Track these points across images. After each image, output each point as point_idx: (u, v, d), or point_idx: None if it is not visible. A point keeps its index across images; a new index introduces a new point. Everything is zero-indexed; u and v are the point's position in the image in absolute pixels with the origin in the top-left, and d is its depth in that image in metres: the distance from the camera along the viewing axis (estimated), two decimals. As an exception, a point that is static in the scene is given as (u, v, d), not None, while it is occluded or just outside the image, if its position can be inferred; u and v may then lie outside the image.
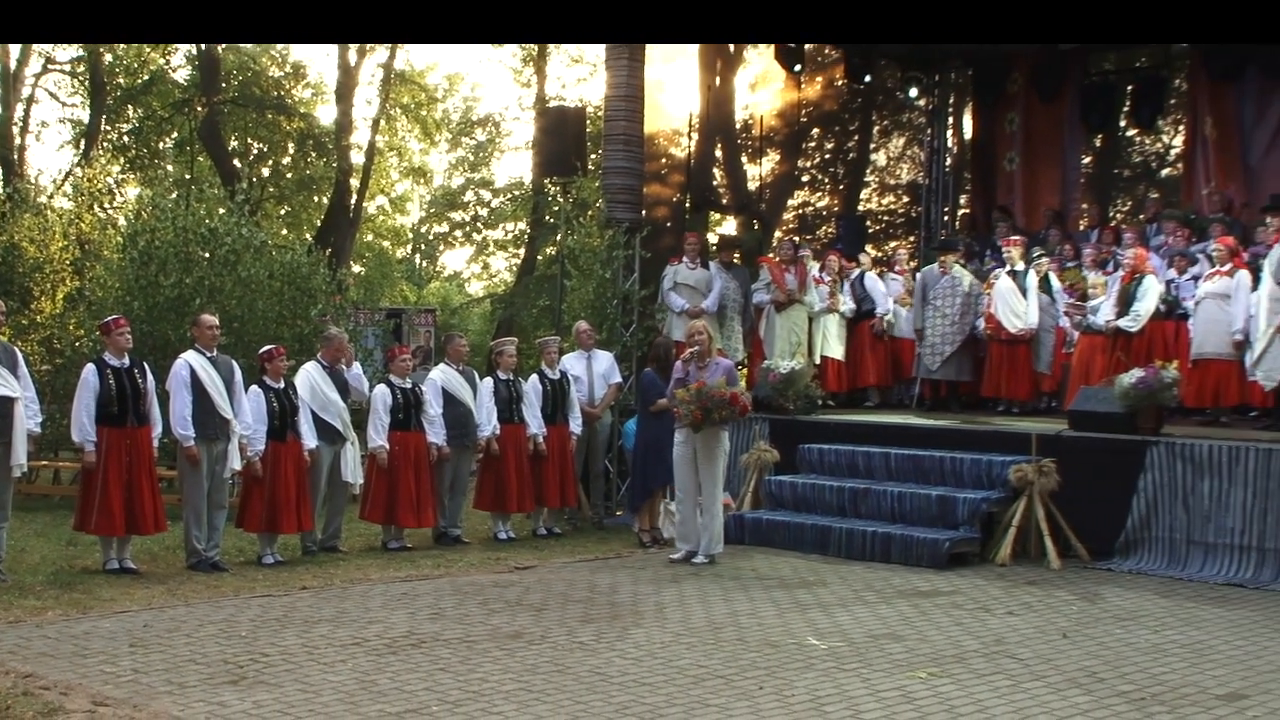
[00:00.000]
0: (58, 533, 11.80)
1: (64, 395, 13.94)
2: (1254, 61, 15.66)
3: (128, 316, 11.33)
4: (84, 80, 30.11)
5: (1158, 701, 6.76)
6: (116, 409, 9.99)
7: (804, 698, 6.73)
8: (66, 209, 21.81)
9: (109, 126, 30.02)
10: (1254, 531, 10.38)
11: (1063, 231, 16.05)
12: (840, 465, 12.53)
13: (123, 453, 10.04)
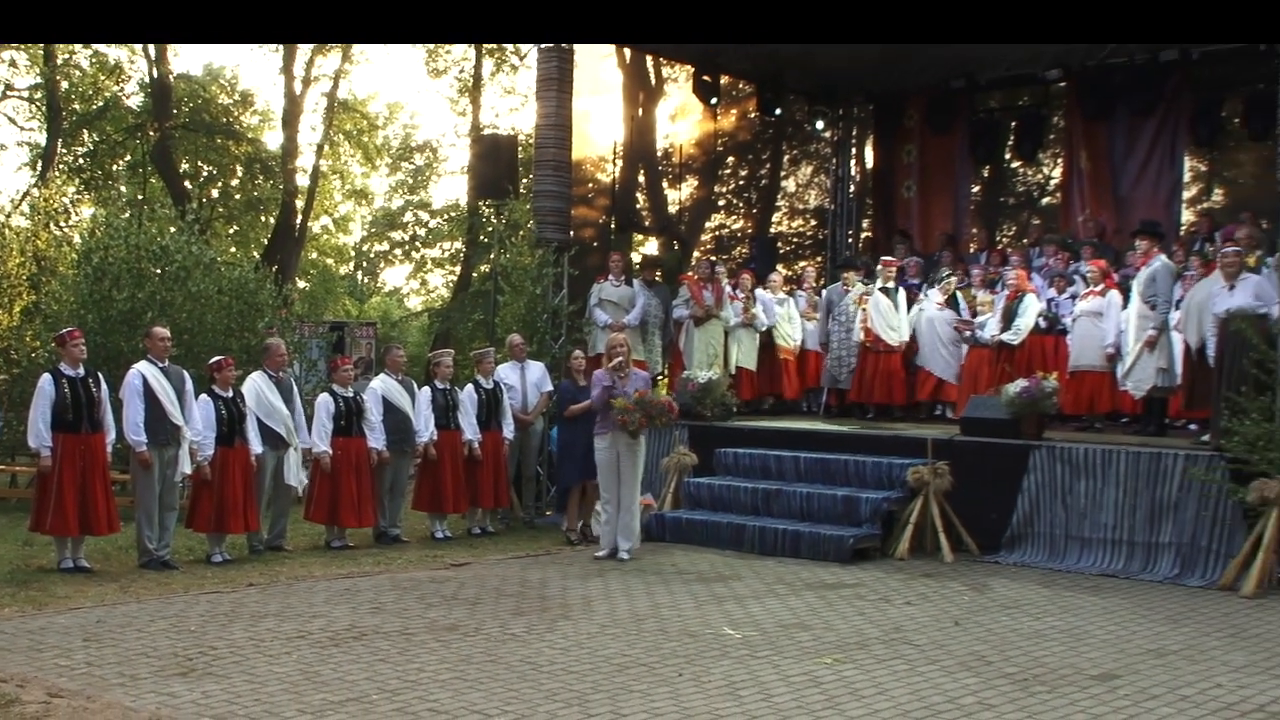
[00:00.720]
0: (14, 533, 11.55)
1: (21, 403, 13.87)
2: (1123, 101, 15.90)
3: (82, 329, 11.15)
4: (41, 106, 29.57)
5: (1039, 682, 6.89)
6: (71, 416, 9.87)
7: (720, 683, 6.78)
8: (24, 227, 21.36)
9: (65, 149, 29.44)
10: (1125, 527, 10.60)
11: (955, 254, 16.15)
12: (754, 468, 12.59)
13: (77, 457, 9.91)
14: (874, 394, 14.42)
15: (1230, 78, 15.15)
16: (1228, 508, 10.09)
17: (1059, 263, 14.38)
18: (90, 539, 10.34)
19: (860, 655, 7.45)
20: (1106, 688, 6.82)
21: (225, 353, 11.97)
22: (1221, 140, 15.79)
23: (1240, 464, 9.94)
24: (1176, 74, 15.48)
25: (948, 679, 6.92)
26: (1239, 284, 10.87)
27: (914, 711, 6.29)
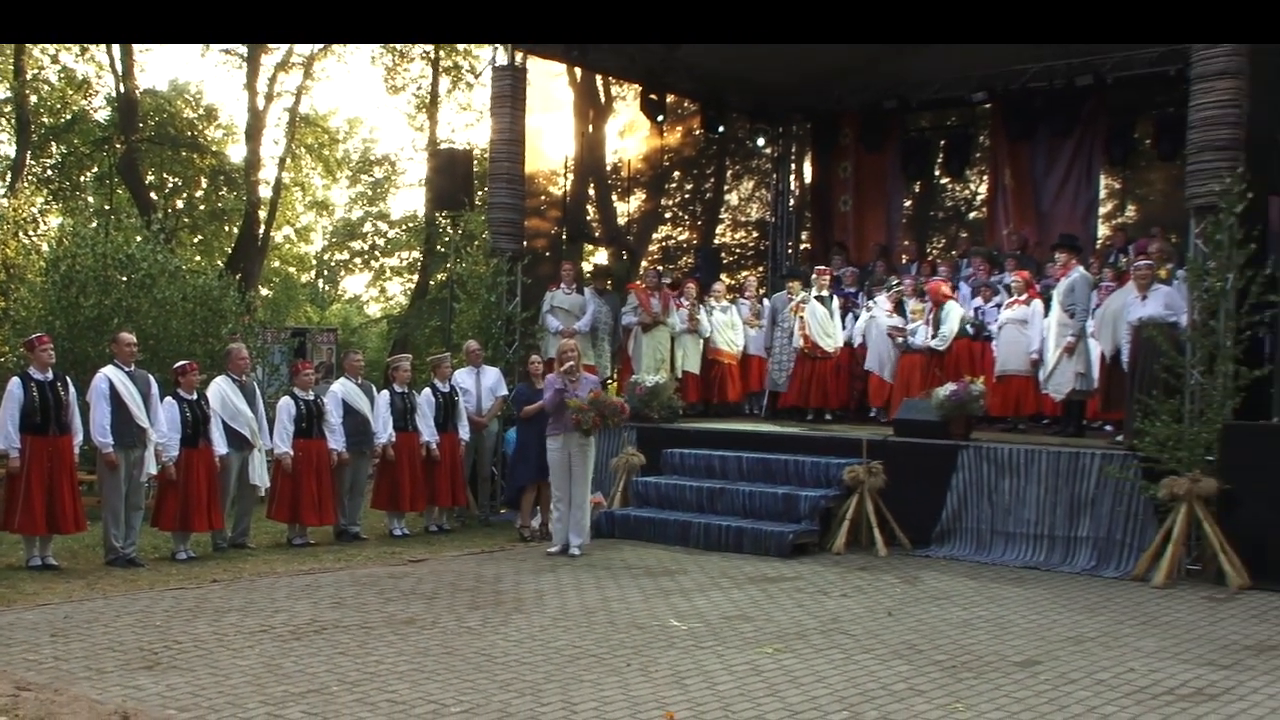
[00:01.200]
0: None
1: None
2: (1043, 123, 16.00)
3: (50, 334, 11.02)
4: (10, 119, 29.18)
5: (966, 669, 6.95)
6: (40, 419, 9.75)
7: (666, 672, 6.79)
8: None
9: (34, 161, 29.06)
10: (1046, 522, 10.72)
11: (888, 264, 16.26)
12: (699, 467, 12.62)
13: (45, 458, 9.80)
14: (811, 398, 14.51)
15: (1142, 101, 15.34)
16: (1140, 503, 10.24)
17: (984, 273, 14.51)
18: (58, 537, 10.21)
19: (799, 645, 7.49)
20: (1029, 673, 6.90)
21: (190, 358, 11.93)
22: (1134, 160, 15.96)
23: (1152, 462, 10.08)
24: (1092, 97, 15.66)
25: (881, 666, 6.98)
26: (1151, 294, 11.04)
27: (850, 697, 6.32)
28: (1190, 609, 8.86)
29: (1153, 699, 6.41)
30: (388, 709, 6.07)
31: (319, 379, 12.97)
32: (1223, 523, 9.76)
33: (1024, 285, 13.11)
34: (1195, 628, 8.24)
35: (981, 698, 6.37)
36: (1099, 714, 6.13)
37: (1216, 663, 7.22)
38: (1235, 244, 9.91)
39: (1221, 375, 9.99)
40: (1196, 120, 10.30)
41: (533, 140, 15.03)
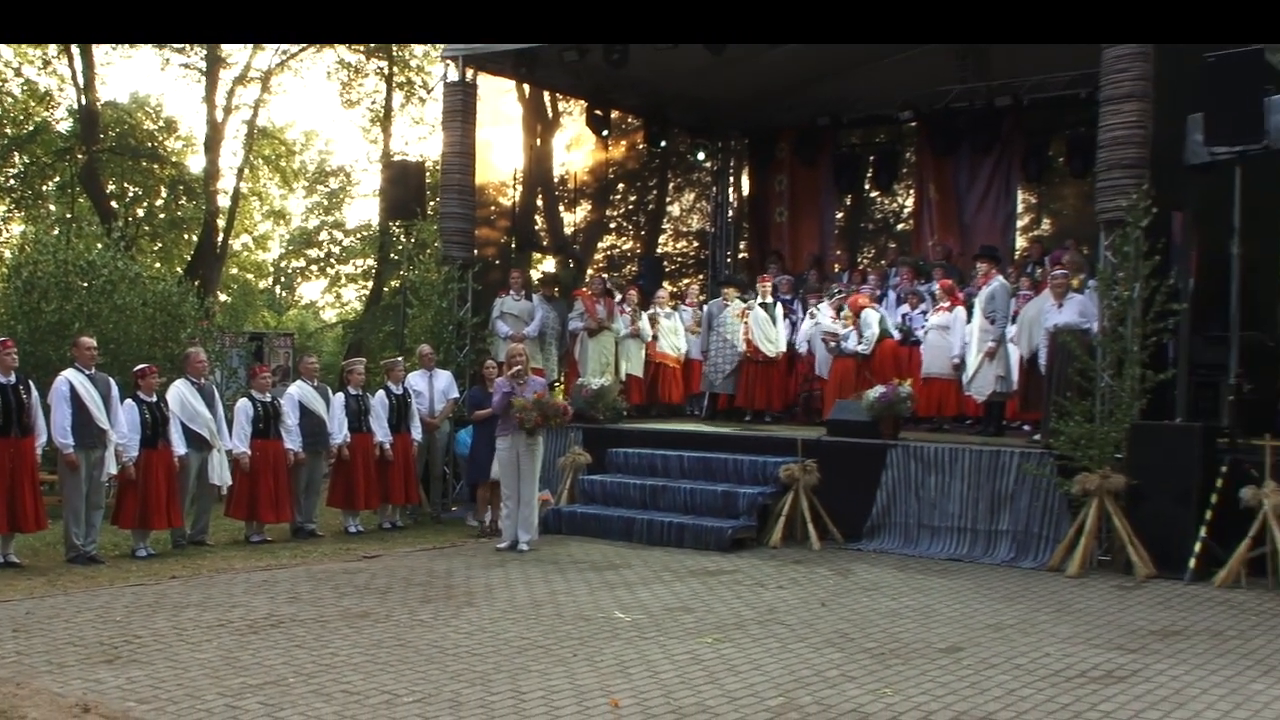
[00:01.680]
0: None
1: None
2: (966, 141, 16.18)
3: (13, 338, 10.74)
4: (-27, 130, 28.73)
5: (895, 655, 7.01)
6: (1, 420, 9.62)
7: (611, 662, 6.81)
8: (-44, 244, 20.80)
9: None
10: (969, 516, 10.82)
11: (821, 273, 16.35)
12: (642, 466, 12.62)
13: (6, 459, 9.66)
14: (755, 400, 14.58)
15: (1055, 122, 15.55)
16: (1056, 498, 10.37)
17: (910, 282, 14.65)
18: (20, 536, 10.07)
19: (738, 634, 7.52)
20: (953, 659, 6.98)
21: (150, 361, 11.78)
22: (1048, 176, 16.19)
23: (1066, 460, 10.22)
24: (1010, 118, 15.84)
25: (815, 654, 7.02)
26: (1065, 302, 11.19)
27: (785, 684, 6.36)
28: (1101, 597, 8.99)
29: (1066, 682, 6.51)
30: (342, 700, 6.03)
31: (276, 382, 12.87)
32: (1130, 516, 9.90)
33: (948, 293, 13.28)
34: (1105, 615, 8.36)
35: (909, 683, 6.43)
36: (1017, 696, 6.20)
37: (1125, 647, 7.34)
38: (1141, 256, 10.06)
39: (1129, 378, 10.12)
40: (1105, 140, 10.45)
41: (483, 153, 15.00)
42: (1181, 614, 8.42)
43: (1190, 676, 6.68)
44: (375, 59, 28.93)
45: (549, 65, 14.56)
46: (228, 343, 17.30)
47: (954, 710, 5.95)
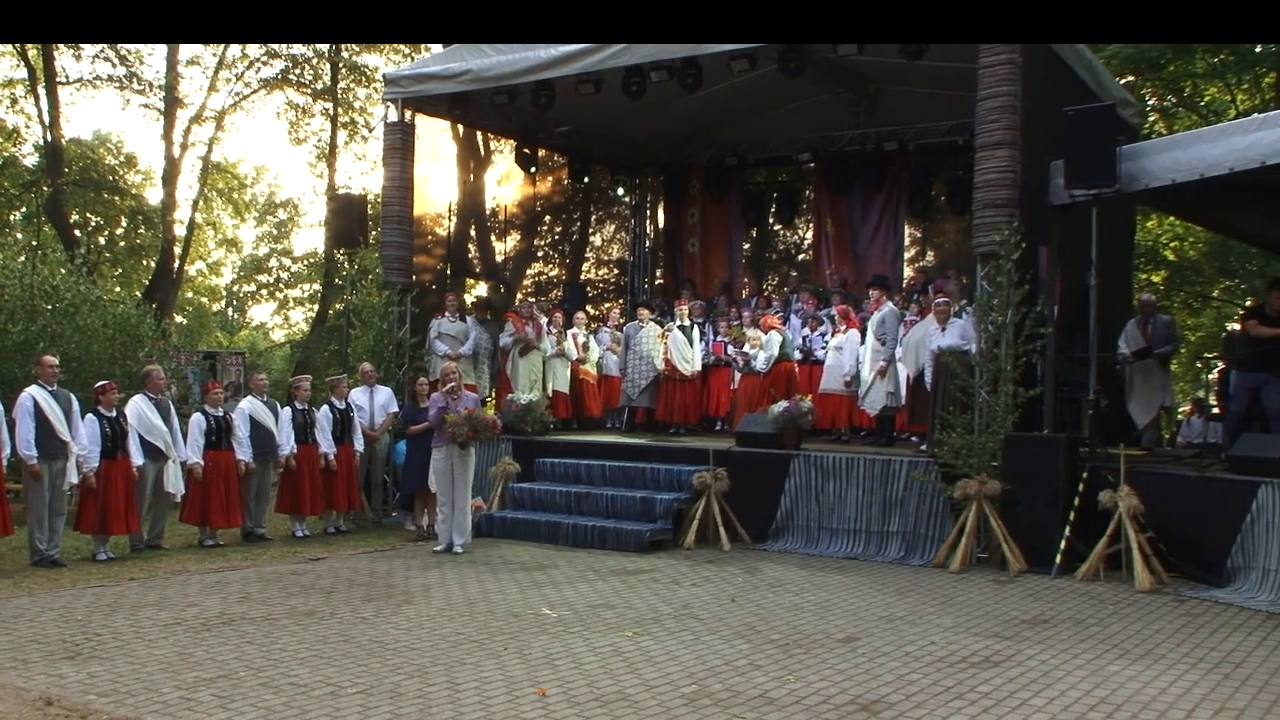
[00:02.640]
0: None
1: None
2: (858, 180, 16.43)
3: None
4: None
5: (797, 645, 7.09)
6: None
7: (539, 655, 6.80)
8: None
9: (-34, 202, 28.05)
10: (864, 519, 10.93)
11: (729, 298, 16.46)
12: (567, 474, 12.61)
13: (-26, 470, 9.45)
14: (673, 414, 14.62)
15: (936, 165, 15.83)
16: (940, 502, 10.51)
17: (811, 307, 14.78)
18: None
19: (655, 628, 7.55)
20: (849, 648, 7.06)
21: (110, 378, 11.57)
22: (932, 213, 16.45)
23: (949, 468, 10.37)
24: (897, 161, 16.13)
25: (725, 645, 7.07)
26: (948, 327, 11.39)
27: (698, 673, 6.40)
28: (980, 590, 9.14)
29: (950, 666, 6.63)
30: (290, 691, 5.97)
31: (228, 397, 12.67)
32: (1005, 518, 10.06)
33: (844, 317, 13.44)
34: (984, 606, 8.51)
35: (810, 670, 6.51)
36: (906, 681, 6.31)
37: (1000, 635, 7.49)
38: (1012, 286, 10.24)
39: (1004, 395, 10.28)
40: (980, 182, 10.60)
41: (420, 187, 14.94)
42: (1049, 605, 8.60)
43: (1057, 660, 6.84)
44: (321, 100, 28.87)
45: (481, 107, 14.54)
46: (183, 361, 17.13)
47: (850, 694, 6.03)
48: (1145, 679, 6.48)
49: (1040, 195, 10.84)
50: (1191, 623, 8.10)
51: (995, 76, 10.46)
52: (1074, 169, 10.34)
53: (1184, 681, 6.46)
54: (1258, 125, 9.61)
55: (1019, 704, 5.92)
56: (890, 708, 5.80)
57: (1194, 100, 21.98)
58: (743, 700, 5.89)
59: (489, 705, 5.76)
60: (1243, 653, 7.22)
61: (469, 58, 13.79)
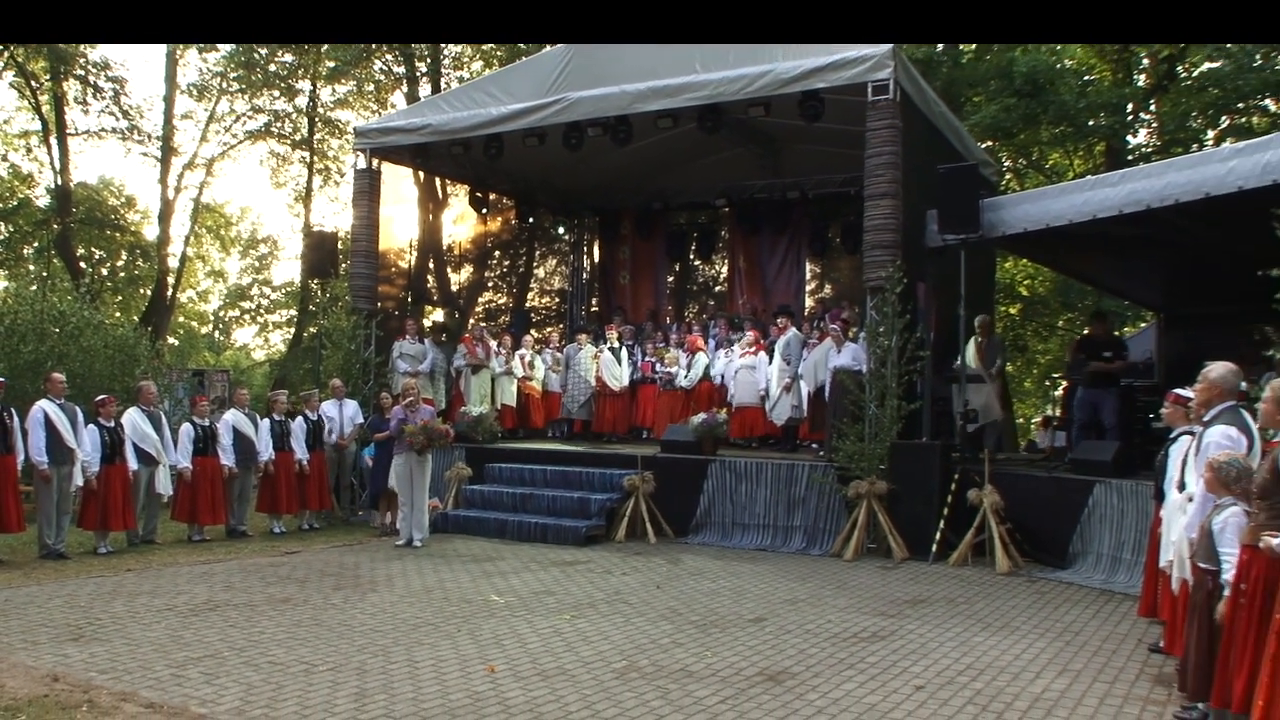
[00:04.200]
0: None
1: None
2: (766, 223, 16.64)
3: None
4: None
5: (714, 625, 7.16)
6: None
7: (489, 636, 6.79)
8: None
9: (-16, 237, 27.80)
10: (771, 515, 11.03)
11: (655, 324, 16.57)
12: (513, 478, 12.53)
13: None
14: (606, 425, 14.66)
15: (832, 212, 16.06)
16: (836, 500, 10.63)
17: (725, 332, 14.96)
18: (1, 536, 9.83)
19: (590, 612, 7.58)
20: (758, 627, 7.16)
21: (109, 393, 11.40)
22: (828, 252, 16.67)
23: (843, 470, 10.50)
24: (799, 207, 16.39)
25: (652, 626, 7.13)
26: (843, 349, 11.58)
27: (628, 650, 6.44)
28: (869, 575, 9.30)
29: (843, 641, 6.76)
30: (268, 669, 5.90)
31: (213, 409, 12.51)
32: (890, 513, 10.23)
33: (754, 341, 13.57)
34: (872, 589, 8.66)
35: (725, 646, 6.59)
36: (807, 654, 6.41)
37: (886, 613, 7.64)
38: (896, 315, 10.42)
39: (889, 408, 10.44)
40: (868, 226, 10.76)
41: (385, 225, 14.82)
42: (926, 587, 8.78)
43: (932, 633, 7.01)
44: (299, 150, 28.93)
45: (439, 156, 14.50)
46: (174, 378, 16.98)
47: (759, 666, 6.12)
48: (1003, 647, 6.67)
49: (918, 239, 11.04)
50: (1040, 599, 8.34)
51: (880, 138, 10.64)
52: (945, 218, 10.56)
53: (1034, 649, 6.67)
54: (1090, 185, 9.93)
55: (901, 671, 6.05)
56: (793, 677, 5.89)
57: (1040, 163, 22.66)
58: (666, 674, 5.93)
59: (444, 680, 5.74)
60: (1080, 623, 7.47)
61: (429, 114, 13.80)
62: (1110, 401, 11.04)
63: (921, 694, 5.61)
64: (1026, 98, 17.46)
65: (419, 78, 24.57)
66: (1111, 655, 6.56)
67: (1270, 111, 17.81)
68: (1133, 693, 5.76)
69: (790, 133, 14.55)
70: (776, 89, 11.24)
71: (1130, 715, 5.36)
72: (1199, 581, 5.01)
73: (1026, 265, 22.28)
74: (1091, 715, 5.35)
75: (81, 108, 25.81)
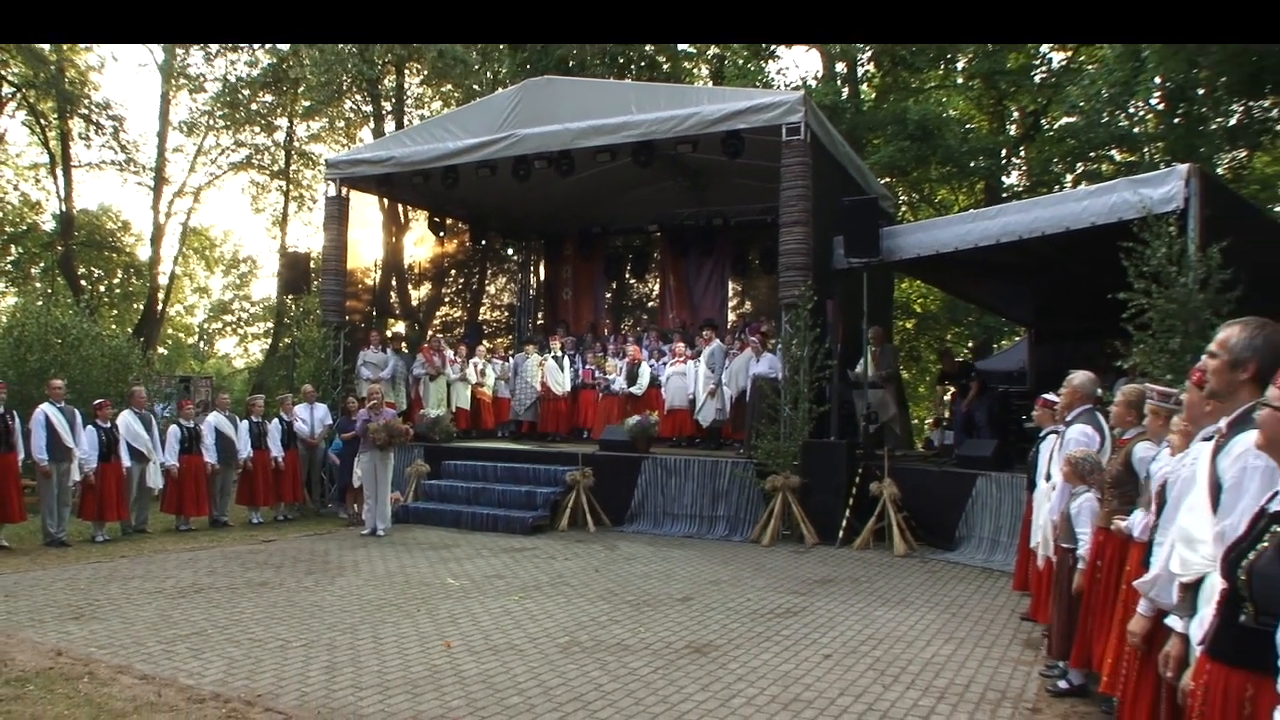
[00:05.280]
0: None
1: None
2: (694, 246, 16.78)
3: (4, 381, 10.51)
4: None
5: (647, 604, 7.20)
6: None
7: (445, 615, 6.76)
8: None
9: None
10: (698, 506, 11.07)
11: (595, 335, 16.60)
12: (467, 473, 12.44)
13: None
14: (548, 425, 14.63)
15: (752, 237, 16.24)
16: (755, 492, 10.71)
17: (657, 343, 15.04)
18: (8, 526, 9.68)
19: (536, 594, 7.57)
20: (686, 605, 7.21)
21: (105, 397, 11.22)
22: (749, 273, 16.85)
23: (761, 466, 10.59)
24: (722, 233, 16.57)
25: (591, 606, 7.14)
26: (761, 358, 11.76)
27: (570, 627, 6.46)
28: (784, 559, 9.40)
29: (761, 616, 6.85)
30: (248, 645, 5.84)
31: (198, 412, 12.31)
32: (803, 504, 10.34)
33: (683, 351, 13.68)
34: (786, 570, 8.77)
35: (656, 623, 6.63)
36: (729, 628, 6.48)
37: (799, 591, 7.76)
38: (808, 329, 10.55)
39: (802, 410, 10.56)
40: (783, 251, 10.91)
41: (353, 246, 14.71)
42: (834, 568, 8.91)
43: (839, 609, 7.14)
44: (277, 179, 29.22)
45: (402, 185, 14.39)
46: (163, 383, 16.84)
47: (686, 640, 6.17)
48: (899, 619, 6.83)
49: (827, 262, 11.20)
50: (931, 577, 8.56)
51: (793, 173, 10.82)
52: (850, 244, 10.75)
53: (925, 620, 6.85)
54: (972, 218, 10.24)
55: (811, 642, 6.16)
56: (717, 649, 5.95)
57: (930, 197, 23.27)
58: (605, 647, 5.96)
59: (405, 654, 5.70)
60: (965, 597, 7.69)
61: (393, 147, 13.72)
62: (982, 406, 11.38)
63: (829, 662, 5.72)
64: (918, 141, 17.99)
65: (385, 115, 25.02)
66: (990, 624, 6.77)
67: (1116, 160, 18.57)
68: (1007, 655, 5.96)
69: (715, 167, 14.72)
70: (703, 129, 11.39)
71: (1004, 674, 5.55)
72: (1060, 559, 5.22)
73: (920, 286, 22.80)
74: (972, 675, 5.52)
75: (85, 143, 26.22)
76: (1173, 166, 8.24)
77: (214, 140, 27.76)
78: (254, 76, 25.32)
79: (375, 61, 22.59)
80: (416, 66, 24.43)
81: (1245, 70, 13.37)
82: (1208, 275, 7.42)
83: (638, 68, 21.88)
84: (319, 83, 22.68)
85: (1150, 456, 4.35)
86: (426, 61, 22.85)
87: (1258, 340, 2.61)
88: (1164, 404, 4.28)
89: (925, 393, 25.61)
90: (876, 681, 5.35)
